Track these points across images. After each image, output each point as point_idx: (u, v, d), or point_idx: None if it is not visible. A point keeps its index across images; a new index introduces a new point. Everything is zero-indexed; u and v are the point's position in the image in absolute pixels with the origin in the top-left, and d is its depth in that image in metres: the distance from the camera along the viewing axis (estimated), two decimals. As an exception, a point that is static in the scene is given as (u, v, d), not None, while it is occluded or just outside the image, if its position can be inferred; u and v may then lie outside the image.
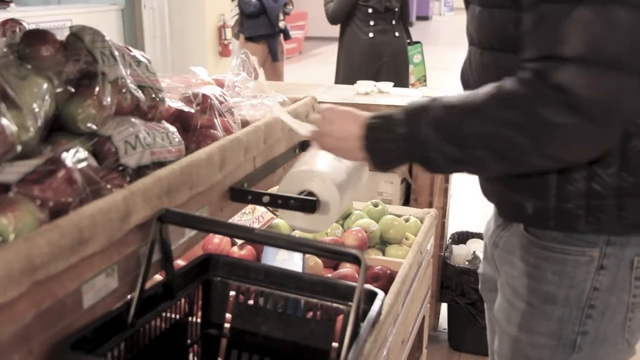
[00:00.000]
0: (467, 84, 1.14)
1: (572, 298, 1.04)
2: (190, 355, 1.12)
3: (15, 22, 1.19)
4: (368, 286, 1.10)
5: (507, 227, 1.15)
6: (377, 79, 3.38)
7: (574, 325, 1.05)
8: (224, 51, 6.73)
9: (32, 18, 5.45)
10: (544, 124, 0.87)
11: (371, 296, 1.06)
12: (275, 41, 5.42)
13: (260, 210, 1.78)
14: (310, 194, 1.13)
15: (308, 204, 1.12)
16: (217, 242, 1.69)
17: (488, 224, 1.25)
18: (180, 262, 1.40)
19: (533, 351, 1.10)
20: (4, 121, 0.80)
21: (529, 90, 0.88)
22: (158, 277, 1.18)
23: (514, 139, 0.89)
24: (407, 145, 0.97)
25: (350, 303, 1.02)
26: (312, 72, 9.15)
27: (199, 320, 1.13)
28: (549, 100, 0.86)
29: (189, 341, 1.11)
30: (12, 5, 5.99)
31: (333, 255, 1.05)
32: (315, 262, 1.63)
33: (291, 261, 1.55)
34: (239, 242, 1.71)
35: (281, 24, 5.44)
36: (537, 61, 0.89)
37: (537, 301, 1.07)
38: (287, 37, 5.61)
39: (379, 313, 1.05)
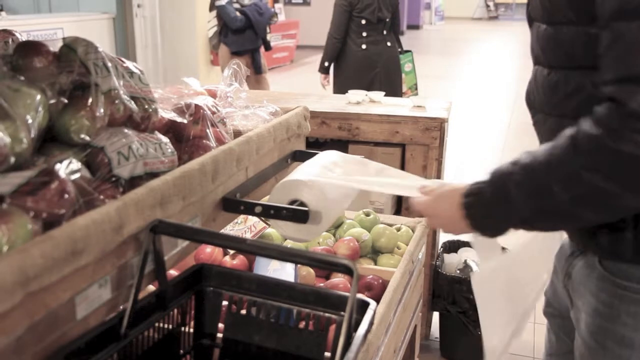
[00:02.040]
0: (532, 105, 1.11)
1: None
2: (183, 366, 1.12)
3: (7, 33, 1.20)
4: (360, 296, 1.10)
5: (580, 257, 1.11)
6: (370, 89, 3.40)
7: None
8: (216, 60, 6.74)
9: (23, 27, 5.45)
10: (631, 160, 0.82)
11: (363, 306, 1.06)
12: (258, 54, 5.40)
13: (252, 219, 1.79)
14: (302, 203, 1.14)
15: (300, 214, 1.13)
16: (210, 251, 1.69)
17: (558, 253, 1.20)
18: (172, 272, 1.40)
19: None
20: (-2, 133, 0.81)
21: (607, 129, 0.84)
22: (151, 288, 1.18)
23: (605, 187, 0.84)
24: (505, 215, 0.95)
25: (342, 313, 1.03)
26: (304, 80, 9.18)
27: (191, 330, 1.13)
28: (629, 132, 0.81)
29: (181, 351, 1.11)
30: (3, 13, 5.98)
31: (325, 266, 1.06)
32: (308, 271, 1.63)
33: (283, 271, 1.55)
34: (232, 251, 1.71)
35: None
36: (613, 84, 0.84)
37: (612, 344, 1.03)
38: (268, 48, 5.59)
39: (371, 323, 1.05)
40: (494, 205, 0.96)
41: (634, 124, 0.81)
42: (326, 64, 4.12)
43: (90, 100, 0.99)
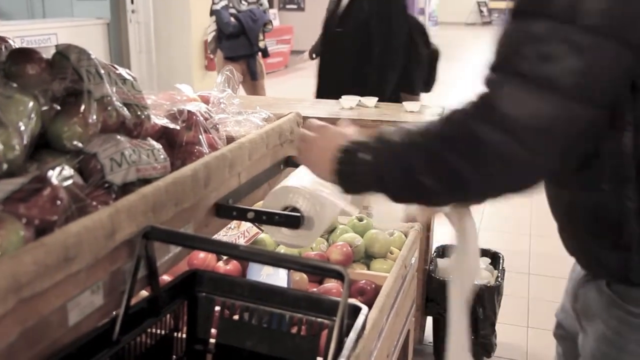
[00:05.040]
0: None
1: None
2: (176, 371, 1.12)
3: (1, 40, 1.20)
4: (352, 301, 1.11)
5: (589, 280, 1.07)
6: (364, 95, 3.41)
7: None
8: (210, 65, 6.74)
9: (17, 32, 5.44)
10: (477, 141, 0.84)
11: (355, 311, 1.07)
12: (254, 60, 5.39)
13: (246, 225, 1.79)
14: (295, 209, 1.15)
15: (292, 220, 1.14)
16: (203, 257, 1.70)
17: (571, 273, 1.17)
18: (166, 278, 1.41)
19: None
20: (-10, 140, 0.81)
21: (472, 107, 0.87)
22: (144, 293, 1.19)
23: (449, 157, 0.86)
24: (369, 172, 0.96)
25: (334, 318, 1.03)
26: (298, 85, 9.19)
27: (184, 335, 1.14)
28: (484, 117, 0.84)
29: (174, 357, 1.11)
30: (-3, 19, 5.97)
31: (316, 271, 1.07)
32: (301, 276, 1.64)
33: (276, 276, 1.56)
34: (225, 257, 1.72)
35: (261, 44, 5.43)
36: (493, 71, 0.87)
37: None
38: (265, 55, 5.59)
39: (362, 328, 1.06)
40: (363, 160, 0.96)
41: (489, 113, 0.84)
42: (314, 55, 4.03)
43: (82, 107, 1.00)
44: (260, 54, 5.47)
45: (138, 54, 6.67)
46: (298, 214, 1.14)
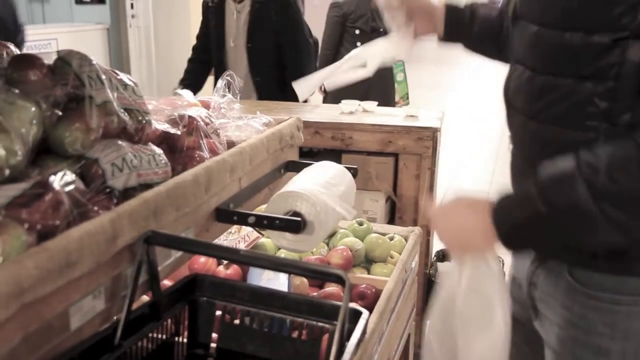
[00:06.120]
0: (510, 103, 1.11)
1: (629, 351, 0.99)
2: (177, 376, 1.12)
3: (2, 45, 1.21)
4: (353, 305, 1.11)
5: (543, 265, 1.09)
6: (364, 99, 3.42)
7: None
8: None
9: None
10: None
11: (355, 315, 1.07)
12: None
13: (246, 229, 1.79)
14: (297, 213, 1.15)
15: (293, 224, 1.14)
16: (203, 261, 1.70)
17: (514, 260, 1.19)
18: (166, 282, 1.41)
19: None
20: (-7, 146, 0.81)
21: None
22: (145, 298, 1.19)
23: None
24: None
25: (335, 322, 1.03)
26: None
27: (185, 340, 1.14)
28: None
29: (175, 361, 1.11)
30: (-3, 24, 5.96)
31: (317, 276, 1.07)
32: (301, 280, 1.64)
33: (277, 280, 1.56)
34: (225, 261, 1.72)
35: None
36: None
37: (589, 355, 1.02)
38: None
39: (363, 332, 1.06)
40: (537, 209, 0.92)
41: None
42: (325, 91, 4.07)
43: (84, 112, 1.00)
44: None
45: (138, 58, 6.68)
46: (299, 219, 1.14)
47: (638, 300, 0.97)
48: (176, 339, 1.11)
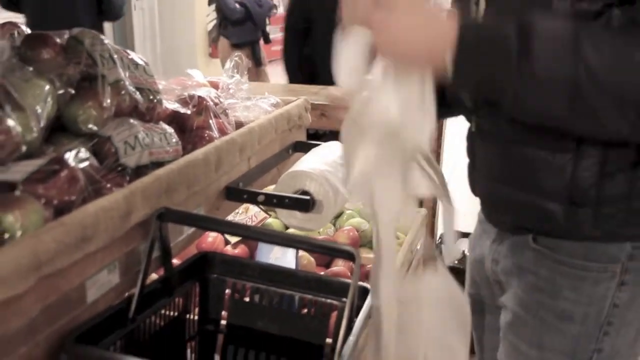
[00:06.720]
0: None
1: (591, 316, 1.00)
2: (188, 351, 1.14)
3: (13, 25, 1.21)
4: (361, 283, 1.13)
5: (504, 240, 1.10)
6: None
7: (591, 343, 1.02)
8: (214, 52, 6.74)
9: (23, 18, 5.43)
10: None
11: (364, 292, 1.09)
12: (258, 46, 5.40)
13: (254, 210, 1.81)
14: (306, 192, 1.16)
15: (302, 203, 1.15)
16: (211, 241, 1.72)
17: (474, 241, 1.20)
18: (175, 261, 1.42)
19: None
20: (10, 122, 0.83)
21: None
22: (154, 276, 1.21)
23: None
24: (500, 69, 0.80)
25: (344, 299, 1.05)
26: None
27: (196, 317, 1.16)
28: None
29: (186, 337, 1.13)
30: (2, 6, 5.95)
31: (328, 252, 1.08)
32: (308, 260, 1.66)
33: (284, 260, 1.58)
34: (233, 241, 1.74)
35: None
36: None
37: (552, 318, 1.03)
38: (267, 41, 5.59)
39: (371, 309, 1.08)
40: (509, 47, 0.80)
41: None
42: None
43: (97, 91, 1.01)
44: (262, 40, 5.48)
45: (142, 41, 6.67)
46: (307, 197, 1.16)
47: (607, 267, 0.98)
48: (187, 315, 1.13)
